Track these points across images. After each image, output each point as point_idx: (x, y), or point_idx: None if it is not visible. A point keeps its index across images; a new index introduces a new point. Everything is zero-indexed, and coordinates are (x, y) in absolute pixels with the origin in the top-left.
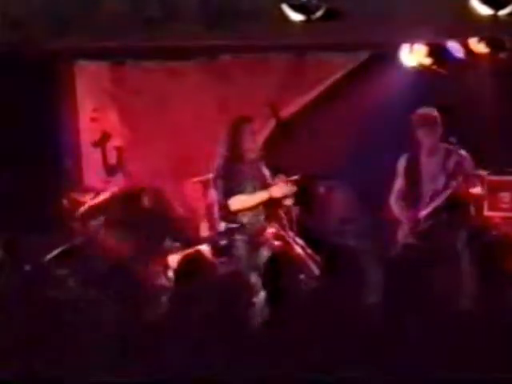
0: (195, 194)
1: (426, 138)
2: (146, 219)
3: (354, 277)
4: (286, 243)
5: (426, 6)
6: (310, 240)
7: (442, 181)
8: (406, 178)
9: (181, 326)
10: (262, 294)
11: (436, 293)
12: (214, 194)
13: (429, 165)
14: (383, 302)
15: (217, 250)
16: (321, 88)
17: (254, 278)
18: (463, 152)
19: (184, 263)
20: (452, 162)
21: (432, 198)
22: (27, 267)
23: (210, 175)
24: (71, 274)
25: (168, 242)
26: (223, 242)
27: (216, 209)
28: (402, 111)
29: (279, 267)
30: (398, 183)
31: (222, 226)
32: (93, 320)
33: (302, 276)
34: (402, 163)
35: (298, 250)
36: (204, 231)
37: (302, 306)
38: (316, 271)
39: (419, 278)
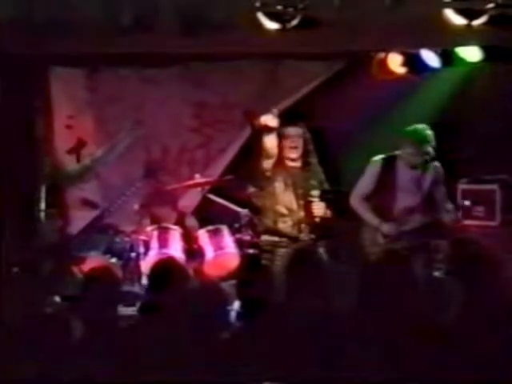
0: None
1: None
2: None
3: (327, 281)
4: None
5: (401, 16)
6: None
7: (416, 199)
8: (377, 183)
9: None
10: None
11: (414, 302)
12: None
13: (405, 176)
14: (357, 307)
15: (190, 256)
16: (296, 96)
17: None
18: (440, 169)
19: (156, 269)
20: (428, 180)
21: (405, 215)
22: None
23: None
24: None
25: None
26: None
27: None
28: (377, 120)
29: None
30: (367, 185)
31: (201, 231)
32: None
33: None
34: (376, 164)
35: None
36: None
37: (273, 309)
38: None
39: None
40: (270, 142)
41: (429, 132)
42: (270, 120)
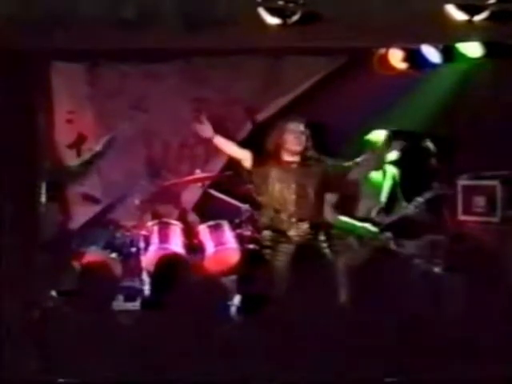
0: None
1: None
2: None
3: (326, 277)
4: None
5: (402, 11)
6: None
7: (377, 201)
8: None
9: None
10: (237, 298)
11: (410, 299)
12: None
13: (366, 182)
14: (356, 303)
15: (191, 251)
16: (297, 92)
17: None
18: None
19: (162, 265)
20: (387, 183)
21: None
22: None
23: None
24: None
25: None
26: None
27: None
28: (378, 115)
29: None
30: (333, 197)
31: (201, 226)
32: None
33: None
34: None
35: None
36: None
37: (274, 307)
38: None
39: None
40: (228, 149)
41: (386, 138)
42: (201, 130)
